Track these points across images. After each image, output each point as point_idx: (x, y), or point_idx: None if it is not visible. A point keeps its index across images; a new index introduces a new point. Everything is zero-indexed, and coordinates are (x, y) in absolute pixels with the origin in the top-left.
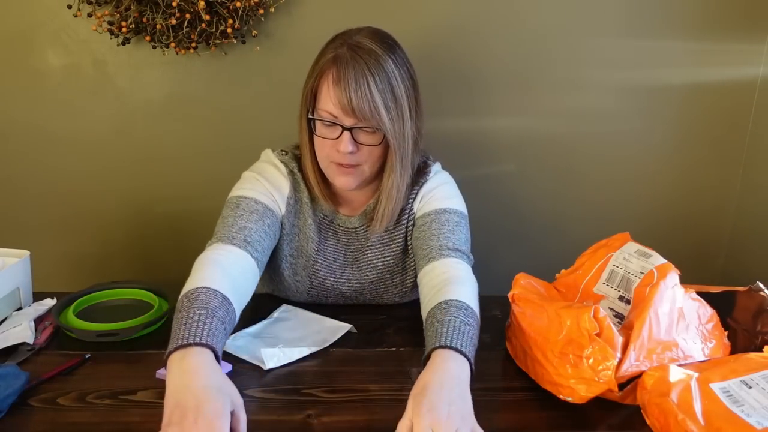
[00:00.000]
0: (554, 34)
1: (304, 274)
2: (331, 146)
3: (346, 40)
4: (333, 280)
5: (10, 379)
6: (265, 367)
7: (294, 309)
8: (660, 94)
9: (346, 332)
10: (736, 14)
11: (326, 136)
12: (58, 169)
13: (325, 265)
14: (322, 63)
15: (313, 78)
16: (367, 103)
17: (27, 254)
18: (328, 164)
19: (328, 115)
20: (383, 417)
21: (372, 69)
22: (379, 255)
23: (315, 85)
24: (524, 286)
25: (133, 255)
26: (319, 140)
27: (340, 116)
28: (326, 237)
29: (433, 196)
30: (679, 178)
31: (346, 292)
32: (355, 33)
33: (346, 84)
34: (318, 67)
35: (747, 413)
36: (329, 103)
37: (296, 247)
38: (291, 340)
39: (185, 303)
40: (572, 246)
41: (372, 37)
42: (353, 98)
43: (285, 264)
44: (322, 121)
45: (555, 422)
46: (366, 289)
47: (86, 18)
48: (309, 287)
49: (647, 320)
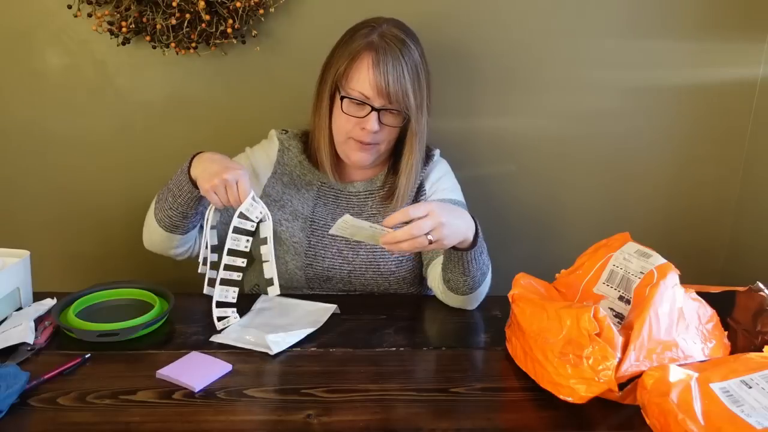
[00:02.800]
0: (554, 34)
1: (302, 235)
2: (355, 124)
3: (375, 28)
4: (330, 237)
5: (10, 379)
6: (272, 352)
7: (273, 298)
8: (660, 94)
9: (345, 332)
10: (736, 14)
11: (353, 114)
12: (59, 168)
13: (323, 224)
14: (355, 47)
15: (346, 60)
16: (400, 87)
17: (27, 254)
18: (346, 140)
19: (360, 95)
20: (383, 417)
21: (405, 57)
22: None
23: (348, 66)
24: (524, 286)
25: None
26: (342, 117)
27: (372, 97)
28: (325, 202)
29: (442, 185)
30: (679, 178)
31: (344, 250)
32: (383, 22)
33: (384, 68)
34: (350, 50)
35: (747, 413)
36: (364, 85)
37: (291, 212)
38: (284, 326)
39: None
40: (572, 246)
41: (399, 27)
42: (390, 82)
43: (281, 228)
44: (352, 100)
45: (555, 422)
46: (362, 248)
47: (86, 18)
48: (307, 247)
49: (647, 320)
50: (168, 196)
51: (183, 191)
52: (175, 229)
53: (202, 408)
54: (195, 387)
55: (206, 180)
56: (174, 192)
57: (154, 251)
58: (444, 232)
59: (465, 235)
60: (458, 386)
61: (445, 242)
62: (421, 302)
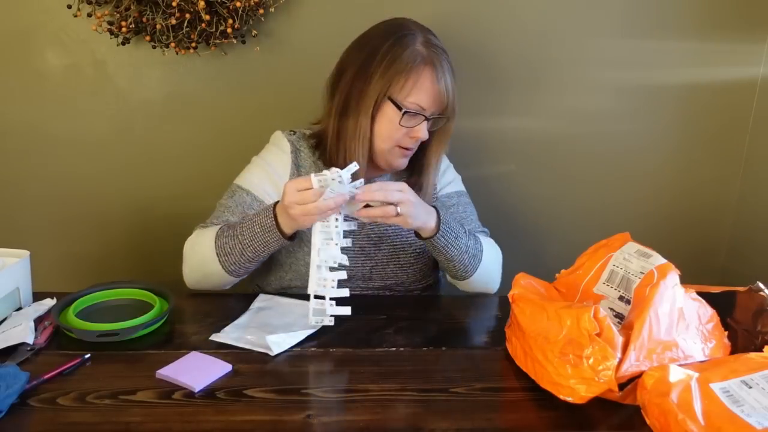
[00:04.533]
0: (554, 34)
1: None
2: (405, 133)
3: (413, 35)
4: (352, 236)
5: (10, 379)
6: (272, 353)
7: (272, 297)
8: (660, 94)
9: (345, 332)
10: (736, 14)
11: (408, 125)
12: (58, 169)
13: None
14: (409, 60)
15: (403, 74)
16: (452, 95)
17: (27, 254)
18: (392, 148)
19: (417, 107)
20: (383, 417)
21: (450, 63)
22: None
23: (405, 81)
24: (524, 286)
25: (133, 255)
26: (393, 127)
27: (428, 108)
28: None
29: (447, 177)
30: (679, 178)
31: (366, 246)
32: (420, 30)
33: (444, 83)
34: (404, 64)
35: (747, 413)
36: (424, 98)
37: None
38: (283, 326)
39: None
40: (572, 246)
41: (429, 31)
42: (450, 95)
43: (301, 231)
44: (409, 112)
45: (555, 422)
46: (384, 243)
47: (86, 18)
48: None
49: (647, 320)
50: (246, 252)
51: (270, 247)
52: (248, 273)
53: (202, 408)
54: (195, 387)
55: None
56: (257, 248)
57: (200, 289)
58: (411, 210)
59: (425, 220)
60: (458, 386)
61: (409, 220)
62: (421, 302)
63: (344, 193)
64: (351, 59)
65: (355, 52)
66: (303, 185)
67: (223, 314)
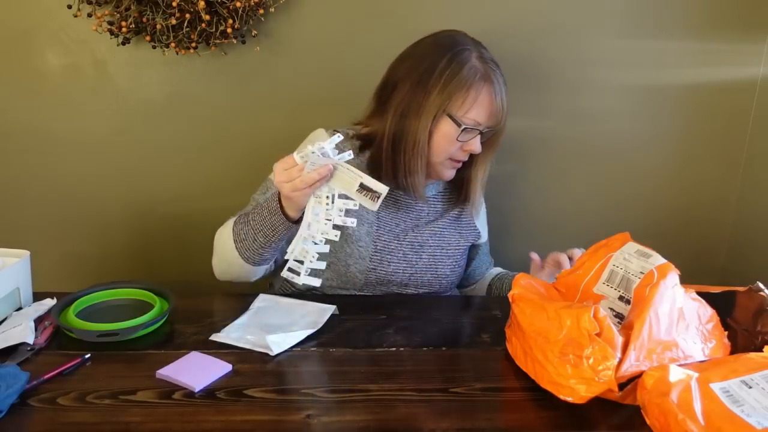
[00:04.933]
0: (554, 34)
1: (368, 239)
2: (458, 146)
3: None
4: (397, 243)
5: (10, 379)
6: (272, 353)
7: (272, 297)
8: (660, 94)
9: (345, 332)
10: (736, 14)
11: (463, 139)
12: (58, 169)
13: (388, 229)
14: (469, 77)
15: (463, 91)
16: (506, 110)
17: (27, 254)
18: (444, 160)
19: (475, 122)
20: (383, 417)
21: (504, 80)
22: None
23: (465, 97)
24: (524, 286)
25: (133, 255)
26: (448, 141)
27: (484, 123)
28: (387, 204)
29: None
30: (679, 178)
31: (408, 254)
32: (473, 44)
33: (500, 100)
34: (464, 81)
35: (747, 413)
36: (483, 115)
37: (356, 215)
38: (283, 326)
39: (244, 217)
40: (572, 246)
41: (481, 44)
42: (504, 110)
43: (348, 232)
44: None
45: (555, 422)
46: (425, 252)
47: (86, 18)
48: (373, 251)
49: (647, 320)
50: (258, 237)
51: (278, 230)
52: (265, 262)
53: (202, 408)
54: (195, 387)
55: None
56: (266, 233)
57: (230, 280)
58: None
59: None
60: (458, 386)
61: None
62: (421, 302)
63: (327, 164)
64: (405, 73)
65: (409, 67)
66: (289, 163)
67: (223, 314)
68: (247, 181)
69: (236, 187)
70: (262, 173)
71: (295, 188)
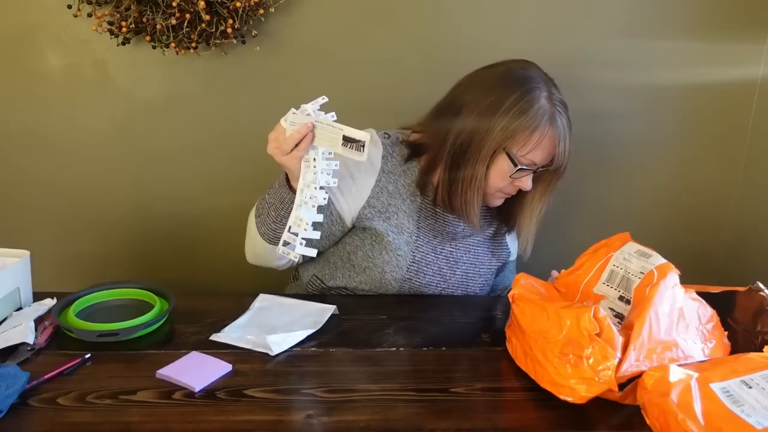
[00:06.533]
0: (553, 34)
1: (407, 249)
2: (511, 182)
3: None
4: (434, 255)
5: (10, 379)
6: (272, 353)
7: (272, 297)
8: (660, 94)
9: (345, 332)
10: (736, 14)
11: (516, 176)
12: (58, 168)
13: (426, 240)
14: (534, 119)
15: (528, 132)
16: (568, 157)
17: (27, 254)
18: (495, 192)
19: (531, 163)
20: (383, 417)
21: (570, 122)
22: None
23: (528, 138)
24: (524, 286)
25: (133, 255)
26: (501, 177)
27: (540, 163)
28: (426, 216)
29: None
30: (679, 178)
31: (443, 268)
32: (545, 82)
33: (564, 145)
34: (530, 122)
35: (747, 413)
36: (540, 155)
37: (396, 224)
38: (283, 326)
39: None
40: (572, 246)
41: (553, 82)
42: (566, 155)
43: (387, 239)
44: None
45: (555, 422)
46: (459, 268)
47: (86, 18)
48: (411, 262)
49: (647, 320)
50: (270, 211)
51: (285, 203)
52: (278, 240)
53: (202, 408)
54: (195, 387)
55: (280, 157)
56: (276, 206)
57: (258, 264)
58: None
59: None
60: (458, 386)
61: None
62: (421, 302)
63: (306, 123)
64: (472, 99)
65: (477, 94)
66: (278, 131)
67: (223, 314)
68: (247, 181)
69: (236, 187)
70: (262, 173)
71: (283, 152)
